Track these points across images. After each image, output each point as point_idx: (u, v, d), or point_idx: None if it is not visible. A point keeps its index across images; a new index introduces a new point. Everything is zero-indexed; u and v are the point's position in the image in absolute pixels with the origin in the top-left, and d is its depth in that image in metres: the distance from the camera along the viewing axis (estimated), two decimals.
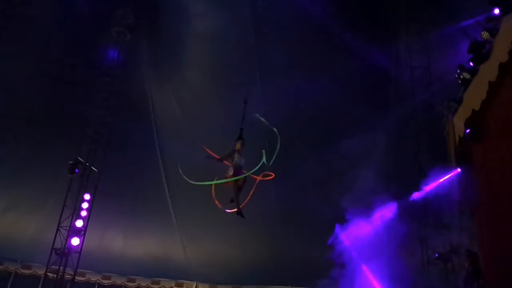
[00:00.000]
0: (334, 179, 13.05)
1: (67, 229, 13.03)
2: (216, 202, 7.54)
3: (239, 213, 7.50)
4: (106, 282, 16.85)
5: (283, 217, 15.43)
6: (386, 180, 12.34)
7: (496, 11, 7.24)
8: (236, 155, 7.65)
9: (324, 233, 13.40)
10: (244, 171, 7.43)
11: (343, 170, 12.58)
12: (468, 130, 8.04)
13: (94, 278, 16.69)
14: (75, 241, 13.00)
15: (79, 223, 13.23)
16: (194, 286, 17.16)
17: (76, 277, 13.57)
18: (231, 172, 7.51)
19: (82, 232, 13.26)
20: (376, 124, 13.01)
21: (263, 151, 7.26)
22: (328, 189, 13.19)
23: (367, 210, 12.51)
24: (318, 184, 14.01)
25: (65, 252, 12.79)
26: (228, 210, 7.59)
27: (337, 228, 13.29)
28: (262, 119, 7.74)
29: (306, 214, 14.64)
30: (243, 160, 7.70)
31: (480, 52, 7.52)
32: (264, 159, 7.22)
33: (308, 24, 12.71)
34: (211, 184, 7.51)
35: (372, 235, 12.58)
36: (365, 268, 12.69)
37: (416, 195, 12.28)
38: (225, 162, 7.55)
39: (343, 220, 12.94)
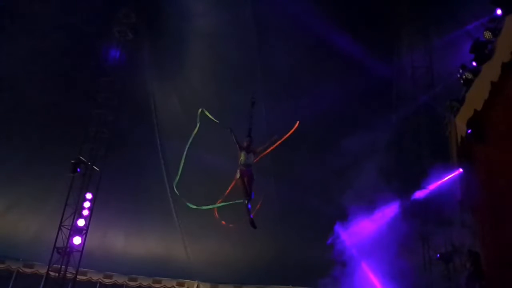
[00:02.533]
0: (336, 179, 13.05)
1: (69, 228, 13.05)
2: (223, 222, 7.74)
3: (251, 223, 7.59)
4: (107, 281, 16.90)
5: (285, 217, 15.42)
6: (388, 179, 12.34)
7: (499, 11, 7.21)
8: (243, 154, 7.69)
9: (326, 233, 13.41)
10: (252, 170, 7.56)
11: (345, 170, 12.59)
12: (470, 130, 8.02)
13: (95, 277, 16.75)
14: (77, 240, 13.03)
15: (81, 222, 13.24)
16: (195, 285, 17.18)
17: (77, 276, 13.59)
18: (238, 175, 7.58)
19: (84, 231, 13.28)
20: (379, 125, 12.99)
21: None
22: (330, 189, 13.20)
23: (368, 209, 12.51)
24: (320, 184, 14.01)
25: (67, 251, 12.81)
26: (231, 225, 7.76)
27: (339, 227, 13.30)
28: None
29: (308, 214, 14.65)
30: (252, 158, 7.73)
31: (483, 52, 7.49)
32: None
33: (309, 26, 12.68)
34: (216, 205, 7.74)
35: (374, 235, 12.58)
36: (366, 267, 12.69)
37: (418, 195, 12.28)
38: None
39: (345, 220, 12.94)
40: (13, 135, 14.61)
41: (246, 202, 7.64)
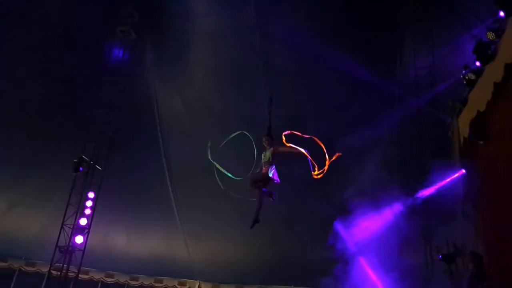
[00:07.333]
0: (338, 178, 12.99)
1: (71, 227, 13.11)
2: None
3: (253, 222, 7.49)
4: (109, 280, 16.90)
5: (287, 217, 15.40)
6: (390, 179, 12.30)
7: (502, 13, 7.21)
8: (262, 155, 7.56)
9: (328, 232, 13.39)
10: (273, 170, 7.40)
11: (346, 169, 12.55)
12: (472, 131, 8.01)
13: (97, 276, 16.75)
14: (79, 239, 13.07)
15: (83, 221, 13.29)
16: (197, 285, 17.17)
17: (79, 275, 13.64)
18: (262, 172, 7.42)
19: (86, 230, 13.32)
20: (380, 125, 12.97)
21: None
22: (331, 188, 13.17)
23: (370, 209, 12.48)
24: (321, 184, 13.94)
25: (69, 250, 12.86)
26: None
27: (340, 226, 13.28)
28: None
29: (310, 214, 14.62)
30: (270, 156, 7.57)
31: (486, 53, 7.48)
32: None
33: (310, 26, 12.65)
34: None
35: (376, 233, 12.57)
36: (367, 266, 12.68)
37: (420, 195, 12.25)
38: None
39: (346, 219, 12.92)
40: (15, 133, 14.63)
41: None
